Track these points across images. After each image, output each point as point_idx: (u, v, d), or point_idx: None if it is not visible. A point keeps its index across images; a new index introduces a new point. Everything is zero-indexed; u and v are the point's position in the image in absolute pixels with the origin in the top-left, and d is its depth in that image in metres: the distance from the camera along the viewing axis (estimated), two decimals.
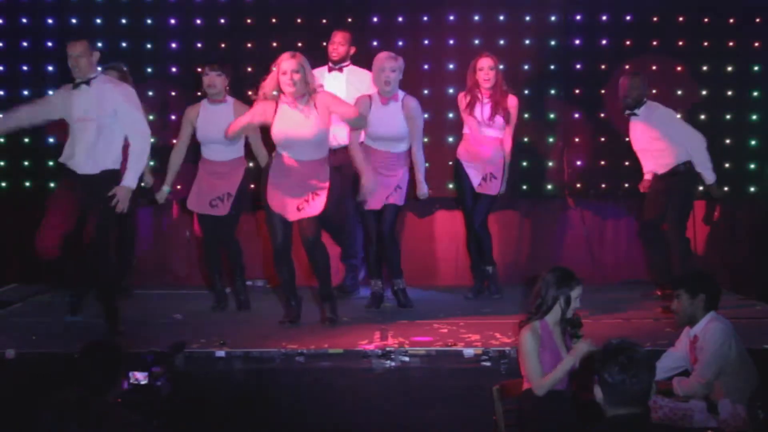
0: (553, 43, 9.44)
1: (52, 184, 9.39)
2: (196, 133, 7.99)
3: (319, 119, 7.18)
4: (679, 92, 9.36)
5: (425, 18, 9.48)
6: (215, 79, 7.89)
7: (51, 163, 9.41)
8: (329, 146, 7.55)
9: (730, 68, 9.43)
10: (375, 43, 9.39)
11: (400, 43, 9.43)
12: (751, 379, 5.56)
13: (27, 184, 9.53)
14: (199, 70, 8.07)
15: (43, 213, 7.17)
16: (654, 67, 9.33)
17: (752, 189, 9.43)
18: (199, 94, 9.19)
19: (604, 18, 9.46)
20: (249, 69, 9.41)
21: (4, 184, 9.62)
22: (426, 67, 9.43)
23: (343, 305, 7.84)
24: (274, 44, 9.43)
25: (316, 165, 7.29)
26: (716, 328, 5.54)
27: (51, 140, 9.37)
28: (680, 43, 9.40)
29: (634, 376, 3.75)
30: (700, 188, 8.53)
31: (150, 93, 9.32)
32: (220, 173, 7.97)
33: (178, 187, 9.11)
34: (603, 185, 9.49)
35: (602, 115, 9.35)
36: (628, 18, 9.44)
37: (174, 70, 9.49)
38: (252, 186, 8.22)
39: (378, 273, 8.16)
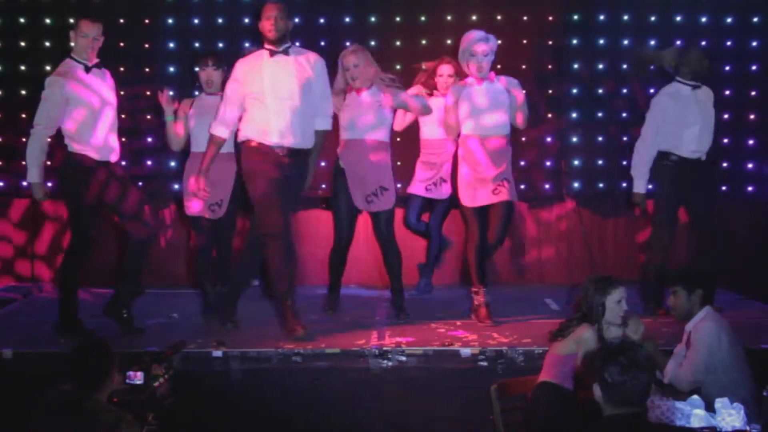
0: (550, 42, 9.44)
1: (49, 184, 9.38)
2: (189, 123, 7.78)
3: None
4: None
5: (423, 18, 9.48)
6: (213, 74, 7.72)
7: (48, 163, 9.39)
8: None
9: (728, 67, 9.43)
10: (373, 43, 9.39)
11: (398, 43, 9.44)
12: (744, 377, 5.56)
13: (24, 183, 9.51)
14: (197, 68, 7.87)
15: (38, 212, 7.25)
16: (651, 67, 9.33)
17: (750, 188, 9.43)
18: (197, 93, 9.21)
19: (602, 17, 9.46)
20: None
21: (1, 184, 9.60)
22: (423, 67, 9.39)
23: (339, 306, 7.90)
24: None
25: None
26: (706, 328, 5.55)
27: (48, 140, 9.35)
28: (678, 42, 9.40)
29: (635, 377, 3.76)
30: None
31: (148, 93, 9.33)
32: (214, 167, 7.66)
33: (176, 186, 9.13)
34: (601, 185, 9.50)
35: (600, 114, 9.36)
36: (625, 17, 9.44)
37: (171, 69, 9.48)
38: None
39: (483, 279, 7.54)
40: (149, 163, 9.42)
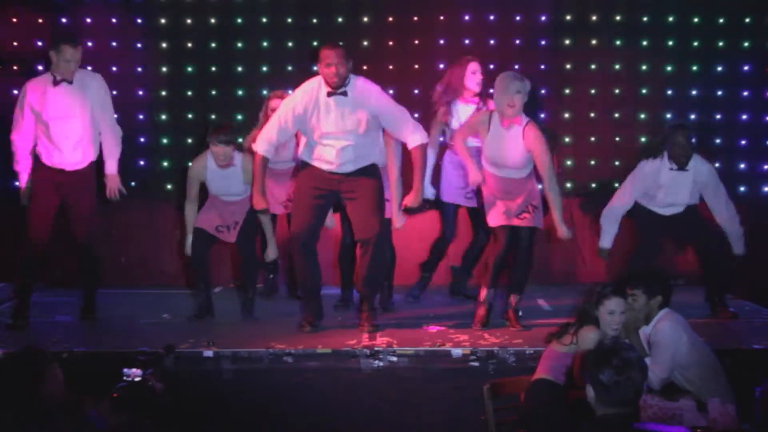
0: (543, 42, 9.45)
1: None
2: (207, 186, 7.70)
3: None
4: (669, 92, 9.38)
5: (415, 18, 9.49)
6: (224, 149, 7.49)
7: None
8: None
9: (720, 68, 9.45)
10: (365, 43, 9.41)
11: (390, 43, 9.45)
12: (713, 371, 5.58)
13: (16, 183, 9.49)
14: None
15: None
16: (644, 67, 9.36)
17: (742, 189, 9.45)
18: (189, 93, 9.24)
19: (594, 18, 9.48)
20: (239, 69, 9.43)
21: None
22: (416, 66, 9.43)
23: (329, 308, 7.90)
24: (264, 44, 9.45)
25: None
26: (665, 327, 5.59)
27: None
28: (670, 42, 9.42)
29: (628, 378, 3.75)
30: None
31: (140, 93, 9.33)
32: (231, 206, 7.72)
33: (168, 186, 9.11)
34: (593, 185, 9.51)
35: (592, 114, 9.38)
36: (617, 18, 9.45)
37: (164, 69, 9.48)
38: None
39: (494, 283, 7.46)
40: (141, 162, 9.41)
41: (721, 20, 9.43)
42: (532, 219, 7.38)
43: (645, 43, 9.42)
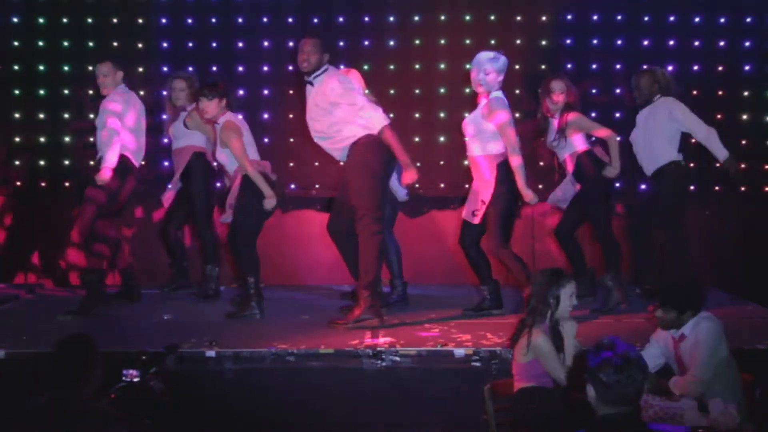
0: (543, 42, 9.45)
1: (42, 184, 9.40)
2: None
3: None
4: None
5: (416, 18, 9.49)
6: (207, 104, 7.75)
7: (42, 163, 9.42)
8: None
9: (720, 68, 9.45)
10: (366, 43, 9.41)
11: (392, 43, 9.45)
12: (737, 378, 5.58)
13: (18, 183, 9.51)
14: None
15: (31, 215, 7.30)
16: (645, 67, 9.35)
17: (743, 189, 9.45)
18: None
19: (595, 18, 9.48)
20: (240, 68, 9.44)
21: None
22: (417, 66, 9.44)
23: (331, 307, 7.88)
24: (266, 43, 9.45)
25: None
26: (710, 328, 5.51)
27: (42, 140, 9.40)
28: (671, 42, 9.42)
29: (629, 376, 3.77)
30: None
31: (141, 93, 9.31)
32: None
33: (169, 186, 9.09)
34: None
35: (593, 114, 9.37)
36: (618, 18, 9.46)
37: (165, 69, 9.48)
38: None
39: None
40: (142, 162, 9.40)
41: (722, 20, 9.44)
42: (480, 217, 7.53)
43: (645, 43, 9.43)
